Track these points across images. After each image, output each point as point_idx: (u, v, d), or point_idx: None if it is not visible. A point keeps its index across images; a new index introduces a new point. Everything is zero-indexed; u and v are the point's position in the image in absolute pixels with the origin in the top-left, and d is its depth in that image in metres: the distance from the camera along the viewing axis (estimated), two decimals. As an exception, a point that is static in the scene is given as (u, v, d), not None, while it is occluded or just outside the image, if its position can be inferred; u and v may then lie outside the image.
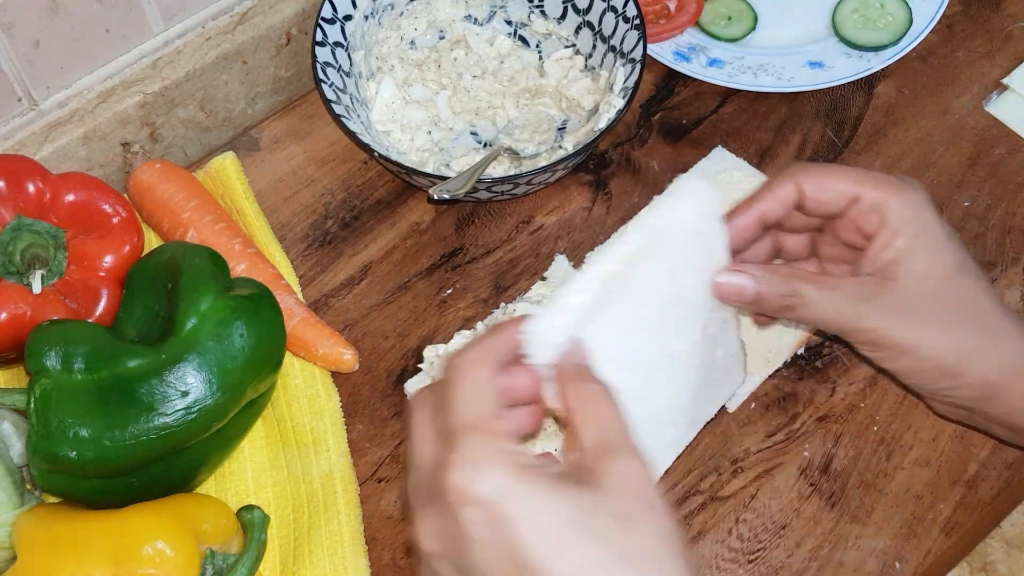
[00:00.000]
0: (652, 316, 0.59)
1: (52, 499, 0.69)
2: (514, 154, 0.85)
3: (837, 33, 0.91)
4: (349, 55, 0.85)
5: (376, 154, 0.78)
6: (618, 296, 0.56)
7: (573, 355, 0.54)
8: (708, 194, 0.60)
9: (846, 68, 0.89)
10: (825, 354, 0.78)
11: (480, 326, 0.78)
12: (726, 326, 0.64)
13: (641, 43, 0.83)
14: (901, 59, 0.90)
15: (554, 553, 0.47)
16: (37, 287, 0.70)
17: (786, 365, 0.77)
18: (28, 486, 0.68)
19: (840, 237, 0.65)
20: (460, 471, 0.48)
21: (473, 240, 0.84)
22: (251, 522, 0.66)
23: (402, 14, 0.90)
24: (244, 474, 0.73)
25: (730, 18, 0.92)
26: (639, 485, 0.50)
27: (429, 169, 0.83)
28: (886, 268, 0.62)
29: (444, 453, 0.49)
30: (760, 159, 0.87)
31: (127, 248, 0.73)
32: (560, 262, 0.81)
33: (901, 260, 0.62)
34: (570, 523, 0.47)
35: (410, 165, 0.82)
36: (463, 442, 0.49)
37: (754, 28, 0.93)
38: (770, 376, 0.76)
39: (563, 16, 0.89)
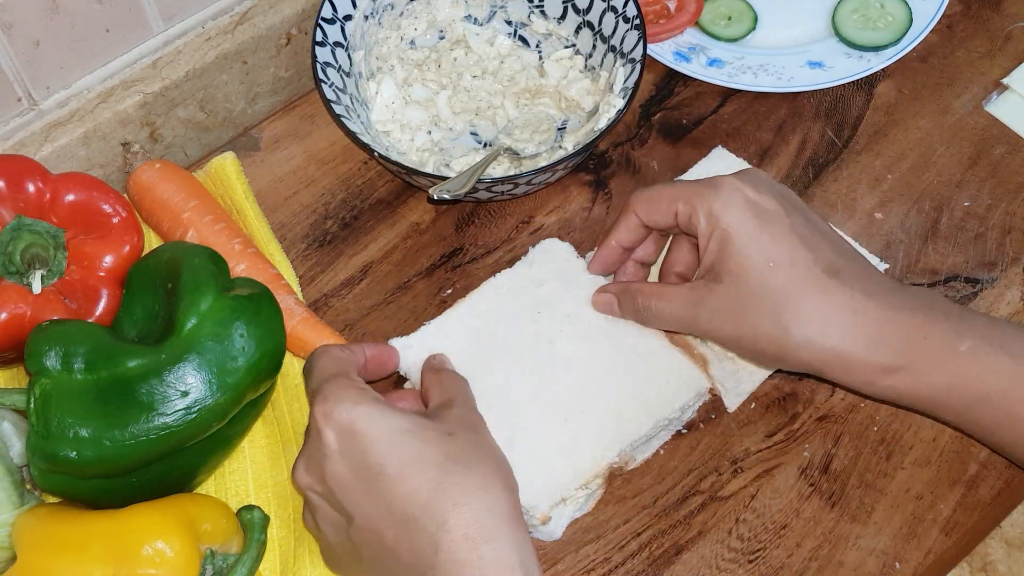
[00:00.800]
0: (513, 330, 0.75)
1: (52, 499, 0.69)
2: (514, 154, 0.85)
3: (837, 33, 0.91)
4: (349, 55, 0.85)
5: (376, 154, 0.78)
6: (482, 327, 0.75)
7: (435, 358, 0.72)
8: (564, 249, 0.78)
9: (846, 68, 0.89)
10: (825, 354, 0.78)
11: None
12: (640, 335, 0.74)
13: (641, 43, 0.83)
14: (901, 59, 0.90)
15: (389, 451, 0.59)
16: (37, 287, 0.70)
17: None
18: (28, 486, 0.68)
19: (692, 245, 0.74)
20: (321, 403, 0.61)
21: (473, 240, 0.84)
22: (251, 522, 0.66)
23: (402, 14, 0.90)
24: (244, 474, 0.73)
25: (730, 18, 0.92)
26: (466, 420, 0.64)
27: (429, 169, 0.83)
28: (711, 270, 0.68)
29: (313, 398, 0.63)
30: (760, 159, 0.87)
31: (127, 248, 0.73)
32: (549, 245, 0.80)
33: (718, 262, 0.67)
34: (404, 431, 0.60)
35: (410, 165, 0.82)
36: (326, 385, 0.62)
37: (754, 28, 0.93)
38: (770, 376, 0.76)
39: (563, 16, 0.89)
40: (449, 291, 0.82)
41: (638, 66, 0.82)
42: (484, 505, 0.58)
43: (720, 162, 0.84)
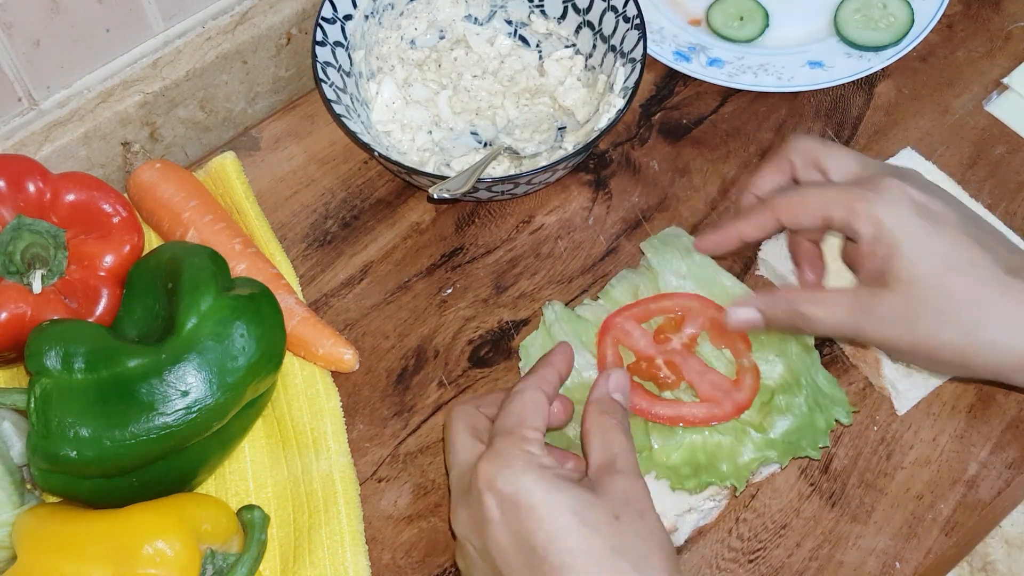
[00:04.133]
0: None
1: (52, 499, 0.69)
2: (514, 154, 0.85)
3: (838, 32, 0.91)
4: (349, 55, 0.85)
5: (376, 154, 0.78)
6: None
7: (605, 386, 0.65)
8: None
9: (846, 68, 0.89)
10: (826, 353, 0.78)
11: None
12: None
13: (641, 43, 0.83)
14: (901, 59, 0.90)
15: (554, 537, 0.56)
16: (37, 287, 0.70)
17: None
18: (28, 486, 0.68)
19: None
20: (487, 464, 0.58)
21: (473, 240, 0.84)
22: (251, 522, 0.66)
23: (402, 14, 0.90)
24: (244, 474, 0.73)
25: (742, 18, 0.92)
26: (632, 496, 0.59)
27: (429, 169, 0.83)
28: (877, 277, 0.64)
29: (485, 451, 0.60)
30: (760, 159, 0.87)
31: (127, 248, 0.73)
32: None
33: (886, 269, 0.64)
34: (570, 513, 0.56)
35: (410, 165, 0.82)
36: (497, 443, 0.60)
37: (767, 25, 0.92)
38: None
39: (563, 16, 0.89)
40: (449, 291, 0.82)
41: (638, 66, 0.82)
42: None
43: (908, 163, 0.83)
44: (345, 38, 0.85)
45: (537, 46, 0.91)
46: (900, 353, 0.67)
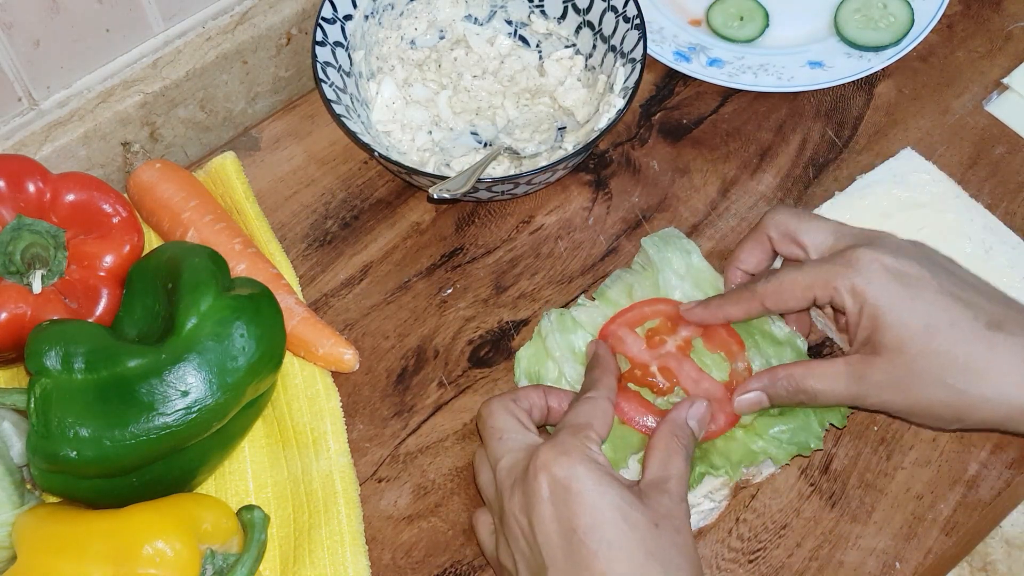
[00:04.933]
0: None
1: (52, 499, 0.69)
2: (514, 154, 0.85)
3: (839, 32, 0.91)
4: (349, 55, 0.85)
5: (376, 154, 0.78)
6: None
7: (685, 411, 0.68)
8: None
9: (846, 68, 0.89)
10: (826, 353, 0.78)
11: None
12: None
13: (641, 43, 0.83)
14: (901, 59, 0.90)
15: (596, 525, 0.59)
16: (37, 287, 0.70)
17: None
18: (28, 486, 0.68)
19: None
20: (548, 450, 0.62)
21: (473, 240, 0.84)
22: (251, 522, 0.66)
23: (402, 14, 0.90)
24: (244, 474, 0.73)
25: (742, 18, 0.92)
26: (674, 513, 0.62)
27: (429, 169, 0.83)
28: (867, 345, 0.67)
29: (548, 441, 0.63)
30: (760, 159, 0.87)
31: (127, 248, 0.73)
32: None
33: (873, 338, 0.66)
34: (614, 508, 0.60)
35: (410, 165, 0.82)
36: (561, 435, 0.63)
37: (767, 24, 0.92)
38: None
39: (563, 16, 0.89)
40: (449, 291, 0.82)
41: (638, 66, 0.82)
42: None
43: (907, 163, 0.83)
44: (345, 38, 0.85)
45: (537, 46, 0.91)
46: (900, 415, 0.69)
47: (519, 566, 0.63)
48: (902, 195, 0.81)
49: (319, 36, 0.83)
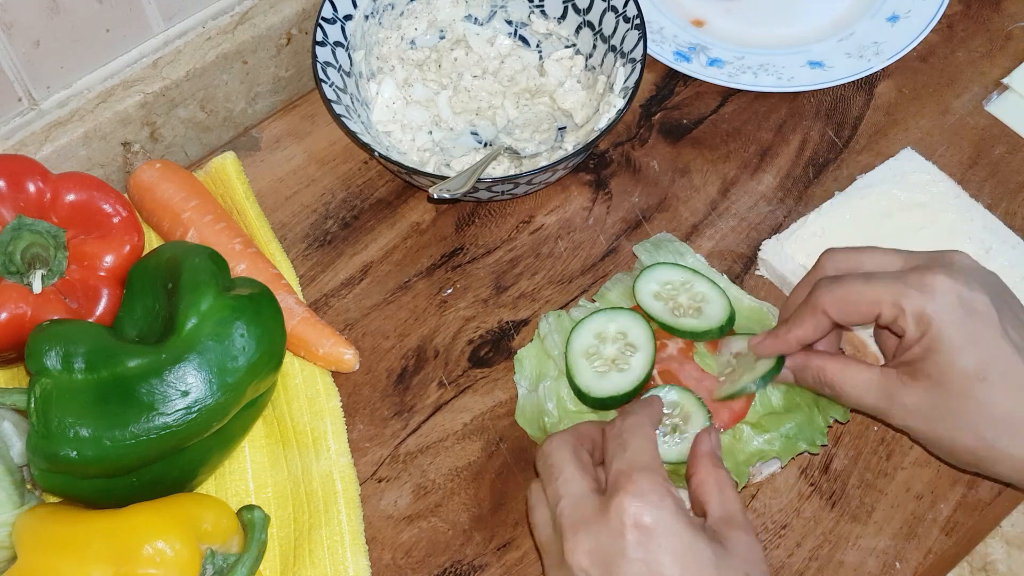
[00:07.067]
0: None
1: (52, 499, 0.69)
2: (514, 154, 0.85)
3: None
4: (349, 55, 0.85)
5: (376, 154, 0.78)
6: None
7: (711, 441, 0.66)
8: None
9: (846, 68, 0.89)
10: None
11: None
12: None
13: (641, 43, 0.83)
14: (901, 59, 0.90)
15: None
16: (37, 287, 0.70)
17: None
18: (28, 486, 0.68)
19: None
20: (634, 501, 0.58)
21: (473, 240, 0.84)
22: (251, 522, 0.66)
23: (402, 14, 0.90)
24: (244, 474, 0.73)
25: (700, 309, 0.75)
26: (753, 554, 0.60)
27: (429, 169, 0.83)
28: (909, 365, 0.64)
29: (622, 482, 0.59)
30: (760, 159, 0.87)
31: (127, 248, 0.73)
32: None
33: (919, 364, 0.64)
34: (707, 566, 0.58)
35: (410, 165, 0.82)
36: (639, 478, 0.59)
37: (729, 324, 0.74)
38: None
39: (563, 16, 0.89)
40: (449, 291, 0.82)
41: (638, 66, 0.82)
42: None
43: (908, 163, 0.83)
44: (345, 38, 0.85)
45: (537, 46, 0.91)
46: (919, 441, 0.67)
47: None
48: (902, 195, 0.81)
49: (319, 36, 0.83)
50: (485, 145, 0.87)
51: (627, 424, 0.64)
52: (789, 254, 0.79)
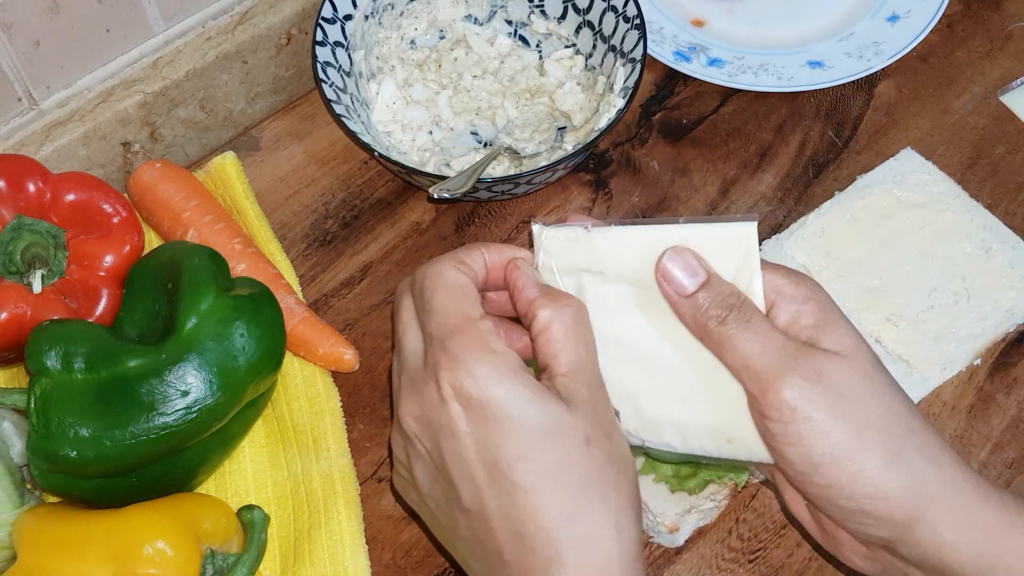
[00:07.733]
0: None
1: (52, 499, 0.69)
2: (514, 153, 0.85)
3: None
4: (349, 55, 0.85)
5: (376, 154, 0.78)
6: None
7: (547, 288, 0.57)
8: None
9: (846, 68, 0.89)
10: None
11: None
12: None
13: (641, 43, 0.83)
14: (901, 59, 0.90)
15: (523, 456, 0.51)
16: (37, 287, 0.70)
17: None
18: (28, 486, 0.68)
19: None
20: (452, 372, 0.52)
21: (473, 240, 0.84)
22: (251, 522, 0.66)
23: (402, 14, 0.90)
24: (244, 474, 0.73)
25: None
26: (600, 413, 0.54)
27: (429, 169, 0.83)
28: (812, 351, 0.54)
29: (435, 351, 0.53)
30: (760, 159, 0.88)
31: (127, 248, 0.73)
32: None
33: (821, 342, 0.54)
34: (543, 434, 0.52)
35: (410, 165, 0.82)
36: (454, 342, 0.53)
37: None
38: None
39: (563, 16, 0.89)
40: (449, 291, 0.82)
41: (638, 66, 0.82)
42: (613, 547, 0.51)
43: (908, 163, 0.83)
44: (345, 38, 0.85)
45: (537, 46, 0.91)
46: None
47: (423, 487, 0.56)
48: (902, 195, 0.82)
49: (319, 36, 0.83)
50: (485, 145, 0.87)
51: (427, 279, 0.56)
52: (789, 254, 0.79)
